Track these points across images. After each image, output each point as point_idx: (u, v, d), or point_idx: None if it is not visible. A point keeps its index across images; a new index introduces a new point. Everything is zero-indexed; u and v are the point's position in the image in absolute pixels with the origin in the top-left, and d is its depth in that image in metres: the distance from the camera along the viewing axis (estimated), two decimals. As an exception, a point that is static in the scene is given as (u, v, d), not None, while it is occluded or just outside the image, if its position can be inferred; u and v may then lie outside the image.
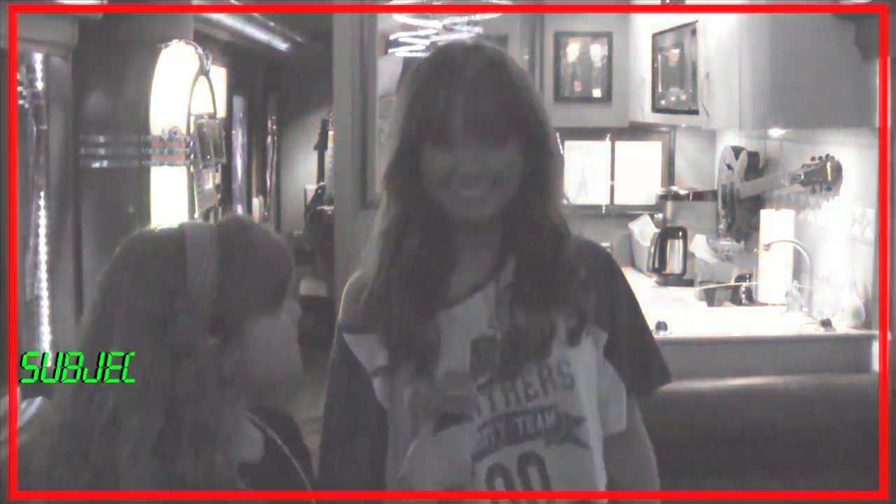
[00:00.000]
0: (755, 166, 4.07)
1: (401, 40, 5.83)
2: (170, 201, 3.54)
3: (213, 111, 4.12)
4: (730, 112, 3.37)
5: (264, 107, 7.99)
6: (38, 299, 3.05)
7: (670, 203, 4.46)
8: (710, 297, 3.84)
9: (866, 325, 3.19)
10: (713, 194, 4.43)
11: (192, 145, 3.63)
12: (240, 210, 6.47)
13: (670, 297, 4.05)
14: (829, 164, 3.33)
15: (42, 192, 3.04)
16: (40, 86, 3.01)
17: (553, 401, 1.58)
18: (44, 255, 3.06)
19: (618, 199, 4.91)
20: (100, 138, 3.41)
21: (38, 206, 3.04)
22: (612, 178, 4.91)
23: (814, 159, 3.40)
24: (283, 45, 7.49)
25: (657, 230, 4.41)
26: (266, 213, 7.88)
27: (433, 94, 1.53)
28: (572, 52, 4.88)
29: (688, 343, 3.21)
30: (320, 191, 7.57)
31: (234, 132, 6.78)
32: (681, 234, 4.28)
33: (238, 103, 6.99)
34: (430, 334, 1.56)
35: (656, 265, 4.30)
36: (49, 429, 1.44)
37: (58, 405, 1.47)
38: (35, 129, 3.00)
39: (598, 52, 4.87)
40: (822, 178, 3.35)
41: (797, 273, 3.63)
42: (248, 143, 7.46)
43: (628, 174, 4.91)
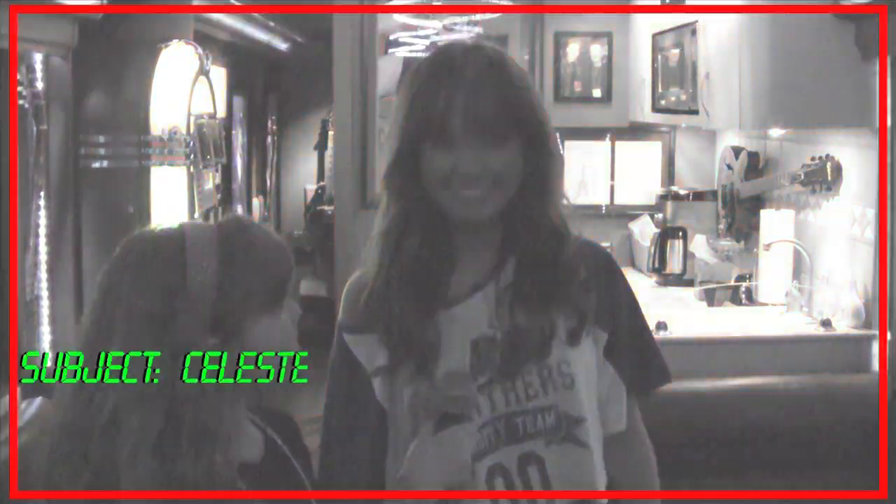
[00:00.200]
0: (755, 166, 4.07)
1: (401, 40, 5.82)
2: (170, 201, 3.53)
3: (213, 111, 4.12)
4: (730, 112, 3.37)
5: (264, 107, 7.99)
6: (38, 299, 3.05)
7: (670, 203, 4.46)
8: (710, 297, 3.84)
9: (866, 325, 3.19)
10: (713, 194, 4.43)
11: (192, 145, 3.62)
12: (240, 210, 6.46)
13: (670, 297, 4.05)
14: (829, 164, 3.33)
15: (42, 192, 3.03)
16: (40, 86, 3.01)
17: (553, 401, 1.58)
18: (44, 255, 3.05)
19: (618, 199, 4.91)
20: (100, 138, 3.41)
21: (38, 206, 3.04)
22: (612, 178, 4.91)
23: (814, 159, 3.40)
24: (283, 45, 7.49)
25: (657, 230, 4.41)
26: (266, 213, 7.88)
27: (433, 94, 1.53)
28: (572, 52, 4.88)
29: (688, 343, 3.21)
30: (320, 191, 7.57)
31: (234, 132, 6.78)
32: (681, 234, 4.28)
33: (238, 103, 6.99)
34: (430, 334, 1.56)
35: (656, 265, 4.30)
36: (49, 429, 1.44)
37: (58, 405, 1.47)
38: (35, 129, 3.00)
39: (598, 52, 4.88)
40: (822, 178, 3.35)
41: (797, 273, 3.63)
42: (248, 143, 7.46)
43: (628, 174, 4.91)
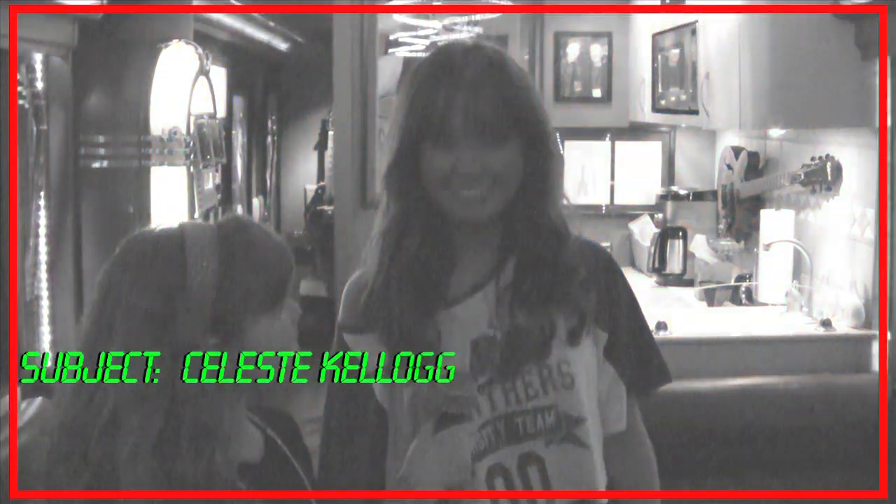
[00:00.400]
0: (755, 166, 4.07)
1: (401, 40, 5.81)
2: (170, 201, 3.53)
3: (213, 111, 4.12)
4: (730, 112, 3.37)
5: (264, 107, 7.99)
6: (38, 299, 3.05)
7: (670, 203, 4.46)
8: (710, 297, 3.84)
9: (866, 325, 3.19)
10: (713, 194, 4.43)
11: (192, 145, 3.62)
12: (240, 210, 6.46)
13: (670, 297, 4.05)
14: (829, 164, 3.33)
15: (42, 192, 3.03)
16: (40, 86, 3.00)
17: (553, 401, 1.58)
18: (44, 255, 3.05)
19: (618, 199, 4.91)
20: (100, 138, 3.40)
21: (38, 206, 3.03)
22: (612, 178, 4.91)
23: (814, 159, 3.40)
24: (283, 45, 7.49)
25: (657, 230, 4.42)
26: (266, 213, 7.87)
27: (433, 93, 1.53)
28: (572, 52, 4.89)
29: (688, 343, 3.21)
30: (320, 191, 7.57)
31: (234, 132, 6.77)
32: (681, 234, 4.28)
33: (238, 103, 6.99)
34: (430, 334, 1.56)
35: (656, 265, 4.30)
36: (49, 429, 1.44)
37: (58, 405, 1.47)
38: (35, 129, 3.00)
39: (598, 52, 4.88)
40: (822, 178, 3.35)
41: (797, 273, 3.63)
42: (248, 143, 7.46)
43: (628, 174, 4.91)
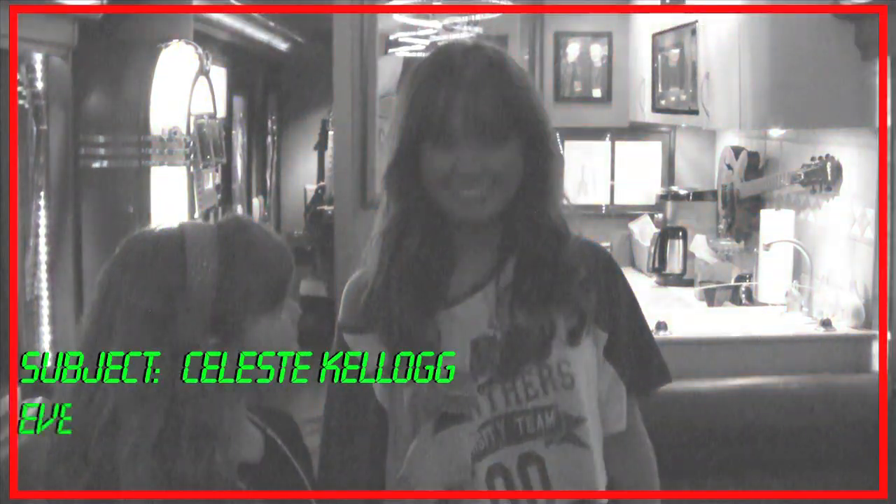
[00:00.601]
0: (755, 166, 4.07)
1: (401, 40, 5.81)
2: (170, 201, 3.53)
3: (213, 111, 4.12)
4: (730, 112, 3.37)
5: (264, 107, 7.99)
6: (38, 299, 3.05)
7: (670, 203, 4.46)
8: (710, 297, 3.84)
9: (866, 325, 3.19)
10: (713, 194, 4.43)
11: (192, 145, 3.62)
12: (240, 210, 6.45)
13: (670, 297, 4.05)
14: (829, 164, 3.33)
15: (42, 192, 3.03)
16: (40, 86, 3.00)
17: (553, 401, 1.58)
18: (44, 255, 3.05)
19: (618, 199, 4.91)
20: (100, 138, 3.40)
21: (38, 206, 3.03)
22: (612, 178, 4.91)
23: (814, 159, 3.40)
24: (283, 45, 7.49)
25: (657, 230, 4.42)
26: (266, 213, 7.87)
27: (433, 93, 1.53)
28: (572, 52, 4.89)
29: (688, 343, 3.21)
30: (320, 191, 7.57)
31: (234, 132, 6.77)
32: (681, 234, 4.28)
33: (238, 103, 6.99)
34: (430, 334, 1.56)
35: (656, 265, 4.30)
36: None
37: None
38: (35, 129, 3.00)
39: (598, 52, 4.88)
40: (822, 178, 3.35)
41: (797, 273, 3.62)
42: (248, 143, 7.45)
43: (628, 174, 4.91)
